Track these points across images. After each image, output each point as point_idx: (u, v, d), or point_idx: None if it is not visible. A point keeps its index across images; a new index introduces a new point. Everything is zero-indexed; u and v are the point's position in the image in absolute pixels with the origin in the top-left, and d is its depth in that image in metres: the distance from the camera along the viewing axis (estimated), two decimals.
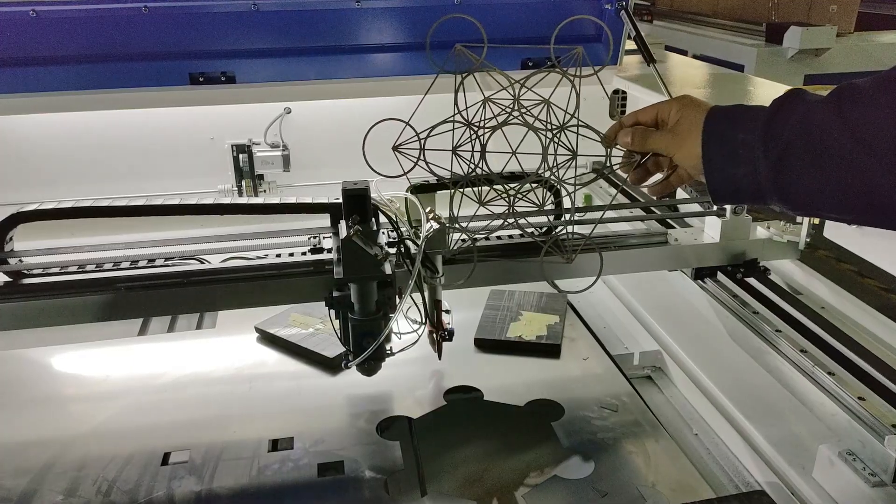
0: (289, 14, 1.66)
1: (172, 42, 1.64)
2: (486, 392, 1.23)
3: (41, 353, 1.38)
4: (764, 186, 0.75)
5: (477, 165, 0.91)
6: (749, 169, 0.75)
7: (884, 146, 0.66)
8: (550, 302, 1.49)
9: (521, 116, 0.89)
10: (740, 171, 0.76)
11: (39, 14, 1.54)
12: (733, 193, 0.79)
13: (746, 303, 1.25)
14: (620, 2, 1.71)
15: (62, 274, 1.13)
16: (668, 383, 1.38)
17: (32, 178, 1.85)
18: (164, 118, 1.85)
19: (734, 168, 0.77)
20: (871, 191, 0.68)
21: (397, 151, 0.90)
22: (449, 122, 0.89)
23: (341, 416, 1.19)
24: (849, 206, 0.71)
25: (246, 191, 1.93)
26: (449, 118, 0.89)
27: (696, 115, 0.81)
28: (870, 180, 0.67)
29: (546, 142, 0.90)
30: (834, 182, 0.70)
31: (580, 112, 0.89)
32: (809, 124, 0.71)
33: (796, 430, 1.10)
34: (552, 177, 0.93)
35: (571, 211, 0.97)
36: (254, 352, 1.37)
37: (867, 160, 0.67)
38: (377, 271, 0.99)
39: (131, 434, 1.15)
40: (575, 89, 0.87)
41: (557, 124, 0.89)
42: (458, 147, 0.90)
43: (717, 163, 0.78)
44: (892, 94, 0.67)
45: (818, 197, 0.72)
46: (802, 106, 0.73)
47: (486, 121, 0.90)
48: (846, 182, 0.69)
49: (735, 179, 0.77)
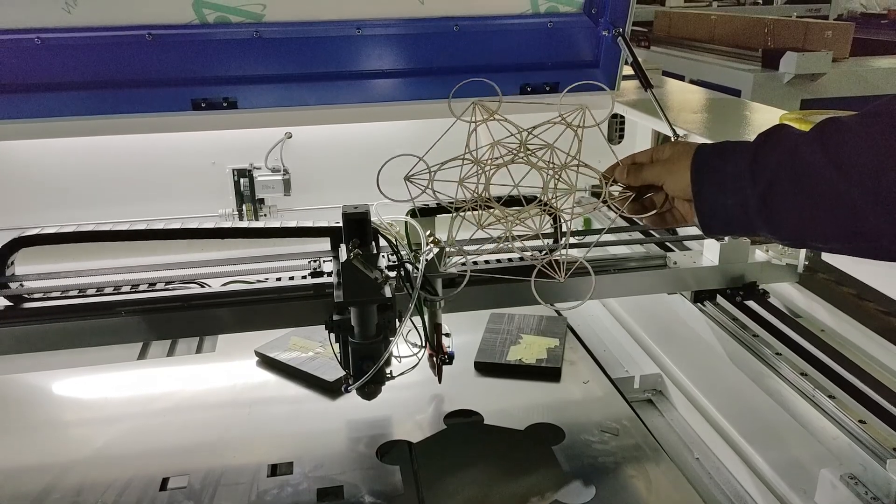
0: (290, 41, 1.68)
1: (175, 69, 1.66)
2: (487, 416, 1.23)
3: (41, 378, 1.38)
4: (753, 216, 0.76)
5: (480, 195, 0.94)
6: (738, 199, 0.77)
7: (867, 177, 0.67)
8: (550, 325, 1.49)
9: (526, 158, 0.92)
10: (730, 202, 0.78)
11: (44, 41, 1.56)
12: (723, 224, 0.81)
13: (746, 326, 1.25)
14: (617, 28, 1.73)
15: (63, 298, 1.13)
16: (668, 407, 1.37)
17: (34, 202, 1.86)
18: (166, 143, 1.86)
19: (724, 199, 0.78)
20: (857, 221, 0.69)
21: (408, 181, 0.92)
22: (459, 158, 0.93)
23: (341, 441, 1.18)
24: (835, 236, 0.72)
25: (247, 215, 1.94)
26: (459, 156, 0.92)
27: (687, 149, 0.84)
28: (855, 211, 0.69)
29: (548, 178, 0.93)
30: (820, 213, 0.71)
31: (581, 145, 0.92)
32: (794, 156, 0.72)
33: (797, 454, 1.09)
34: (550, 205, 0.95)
35: (567, 233, 0.98)
36: (253, 375, 1.37)
37: (851, 191, 0.68)
38: (377, 295, 0.99)
39: (130, 459, 1.14)
40: (577, 137, 0.90)
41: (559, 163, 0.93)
42: (465, 179, 0.94)
43: (706, 194, 0.80)
44: (873, 128, 0.68)
45: (806, 227, 0.73)
46: (787, 139, 0.74)
47: (493, 159, 0.93)
48: (832, 213, 0.70)
49: (725, 210, 0.78)
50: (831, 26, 3.82)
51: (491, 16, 1.74)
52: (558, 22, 1.77)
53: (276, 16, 1.65)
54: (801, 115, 1.34)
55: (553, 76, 1.42)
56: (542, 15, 1.76)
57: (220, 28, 1.64)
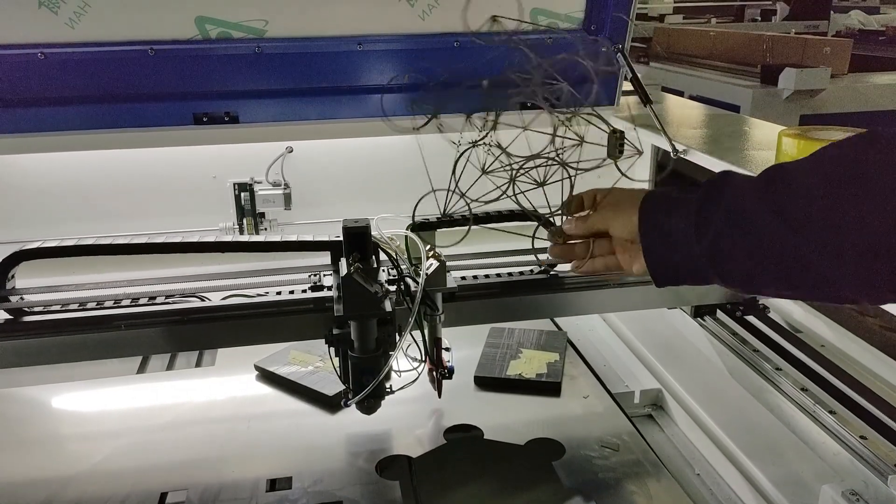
0: (292, 57, 1.69)
1: (177, 83, 1.67)
2: (487, 431, 1.22)
3: (39, 392, 1.38)
4: (702, 270, 0.77)
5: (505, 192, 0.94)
6: (685, 255, 0.77)
7: (812, 226, 0.67)
8: (550, 340, 1.49)
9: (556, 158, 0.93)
10: (677, 257, 0.78)
11: (48, 56, 1.57)
12: (674, 279, 0.81)
13: (746, 341, 1.25)
14: (617, 44, 1.74)
15: (63, 312, 1.13)
16: (669, 422, 1.37)
17: (36, 216, 1.86)
18: (167, 157, 1.87)
19: (672, 254, 0.79)
20: (806, 269, 0.69)
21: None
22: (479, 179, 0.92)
23: (340, 456, 1.18)
24: (786, 284, 0.72)
25: (247, 229, 1.95)
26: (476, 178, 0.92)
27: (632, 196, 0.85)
28: (803, 260, 0.68)
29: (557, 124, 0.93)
30: (768, 263, 0.71)
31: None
32: (737, 209, 0.72)
33: (799, 470, 1.09)
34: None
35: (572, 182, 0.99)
36: (253, 390, 1.37)
37: (797, 241, 0.68)
38: (377, 309, 0.99)
39: (128, 474, 1.14)
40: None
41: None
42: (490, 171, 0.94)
43: (654, 250, 0.81)
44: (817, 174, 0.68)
45: (756, 278, 0.74)
46: (729, 191, 0.74)
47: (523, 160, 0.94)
48: (779, 263, 0.70)
49: (674, 265, 0.79)
50: (830, 42, 3.84)
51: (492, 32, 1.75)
52: (558, 38, 1.78)
53: (278, 31, 1.67)
54: (800, 131, 1.34)
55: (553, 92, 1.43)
56: (541, 31, 1.77)
57: (222, 43, 1.65)
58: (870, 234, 0.64)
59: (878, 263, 0.65)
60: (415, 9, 1.69)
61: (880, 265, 0.65)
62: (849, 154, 0.68)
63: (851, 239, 0.65)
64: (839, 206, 0.66)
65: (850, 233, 0.65)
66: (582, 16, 1.77)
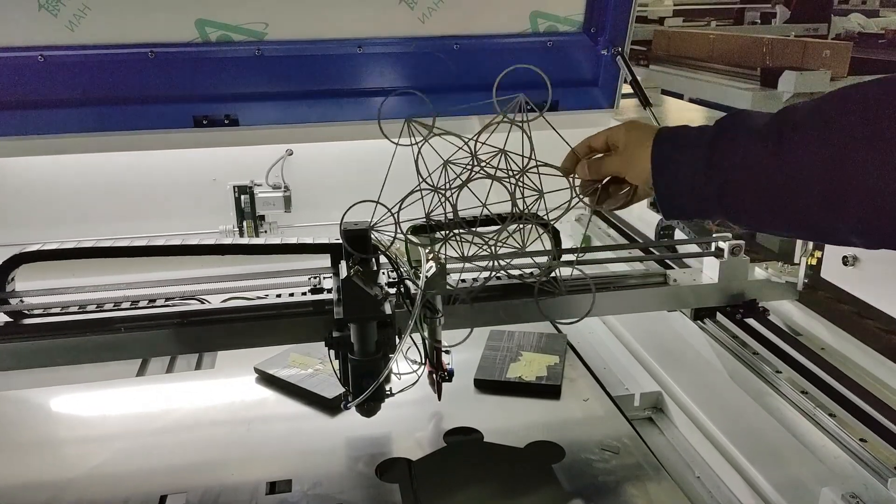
0: (292, 59, 1.70)
1: (177, 86, 1.67)
2: (487, 433, 1.22)
3: (38, 394, 1.37)
4: (710, 208, 0.80)
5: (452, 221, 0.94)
6: (696, 193, 0.80)
7: (816, 185, 0.69)
8: (550, 342, 1.49)
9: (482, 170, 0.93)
10: (686, 194, 0.81)
11: (47, 58, 1.57)
12: (681, 212, 0.85)
13: (746, 344, 1.25)
14: (616, 47, 1.75)
15: (63, 314, 1.13)
16: (669, 425, 1.37)
17: (35, 218, 1.87)
18: (167, 160, 1.87)
19: (681, 190, 0.82)
20: (806, 220, 0.72)
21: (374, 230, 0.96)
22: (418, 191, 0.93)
23: (340, 458, 1.17)
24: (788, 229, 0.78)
25: (247, 231, 1.95)
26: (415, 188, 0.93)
27: (644, 137, 0.86)
28: (804, 213, 0.71)
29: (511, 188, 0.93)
30: (772, 211, 0.74)
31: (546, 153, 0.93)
32: (748, 160, 0.75)
33: (798, 473, 1.09)
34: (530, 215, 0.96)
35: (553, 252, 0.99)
36: (252, 392, 1.36)
37: (801, 197, 0.71)
38: (377, 311, 0.99)
39: (128, 477, 1.13)
40: (525, 133, 0.90)
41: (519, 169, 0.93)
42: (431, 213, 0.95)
43: (665, 186, 0.83)
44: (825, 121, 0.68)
45: (761, 220, 0.78)
46: (744, 139, 0.76)
47: (450, 182, 0.93)
48: (783, 213, 0.74)
49: (682, 200, 0.82)
50: (829, 45, 3.85)
51: (490, 35, 1.76)
52: (558, 41, 1.78)
53: (278, 34, 1.67)
54: None
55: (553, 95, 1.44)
56: (541, 34, 1.78)
57: (223, 46, 1.65)
58: (875, 191, 0.63)
59: (882, 221, 0.64)
60: (415, 12, 1.69)
61: (884, 223, 0.64)
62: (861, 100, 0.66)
63: (855, 195, 0.65)
64: (844, 159, 0.65)
65: (854, 188, 0.64)
66: (582, 19, 1.78)
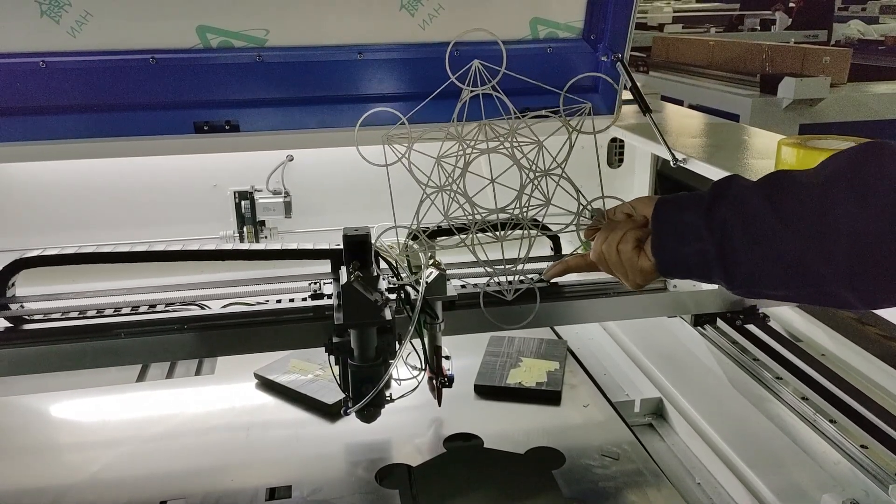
0: (292, 65, 1.70)
1: (178, 92, 1.67)
2: (487, 439, 1.22)
3: (38, 400, 1.37)
4: (711, 265, 0.82)
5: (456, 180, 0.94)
6: (696, 248, 0.82)
7: (804, 224, 0.72)
8: (550, 348, 1.49)
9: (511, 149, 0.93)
10: (687, 250, 0.84)
11: (49, 64, 1.57)
12: (684, 270, 0.87)
13: (747, 350, 1.25)
14: (616, 53, 1.75)
15: (63, 320, 1.13)
16: (669, 431, 1.36)
17: (36, 224, 1.87)
18: (167, 165, 1.87)
19: (683, 247, 0.84)
20: (800, 268, 0.73)
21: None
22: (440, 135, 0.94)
23: (340, 464, 1.17)
24: (784, 283, 0.77)
25: (247, 237, 1.95)
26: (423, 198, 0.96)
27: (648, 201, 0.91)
28: (798, 258, 0.73)
29: (526, 181, 0.93)
30: (769, 260, 0.76)
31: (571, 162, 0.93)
32: (744, 207, 0.78)
33: (799, 479, 1.09)
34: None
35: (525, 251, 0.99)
36: (252, 398, 1.36)
37: (791, 238, 0.73)
38: (377, 317, 0.99)
39: (127, 483, 1.13)
40: (570, 141, 0.90)
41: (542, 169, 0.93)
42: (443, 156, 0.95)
43: (666, 243, 0.86)
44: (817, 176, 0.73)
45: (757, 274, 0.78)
46: (737, 190, 0.80)
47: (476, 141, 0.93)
48: (777, 259, 0.75)
49: (683, 257, 0.85)
50: (829, 52, 3.85)
51: (490, 41, 1.76)
52: (557, 47, 1.79)
53: (279, 40, 1.67)
54: (800, 140, 1.34)
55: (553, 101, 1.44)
56: (541, 40, 1.78)
57: (223, 52, 1.66)
58: (861, 239, 0.66)
59: (869, 269, 0.66)
60: (415, 18, 1.69)
61: (871, 271, 0.66)
62: (852, 160, 0.71)
63: (843, 242, 0.68)
64: (833, 207, 0.69)
65: (842, 236, 0.68)
66: (581, 25, 1.78)
